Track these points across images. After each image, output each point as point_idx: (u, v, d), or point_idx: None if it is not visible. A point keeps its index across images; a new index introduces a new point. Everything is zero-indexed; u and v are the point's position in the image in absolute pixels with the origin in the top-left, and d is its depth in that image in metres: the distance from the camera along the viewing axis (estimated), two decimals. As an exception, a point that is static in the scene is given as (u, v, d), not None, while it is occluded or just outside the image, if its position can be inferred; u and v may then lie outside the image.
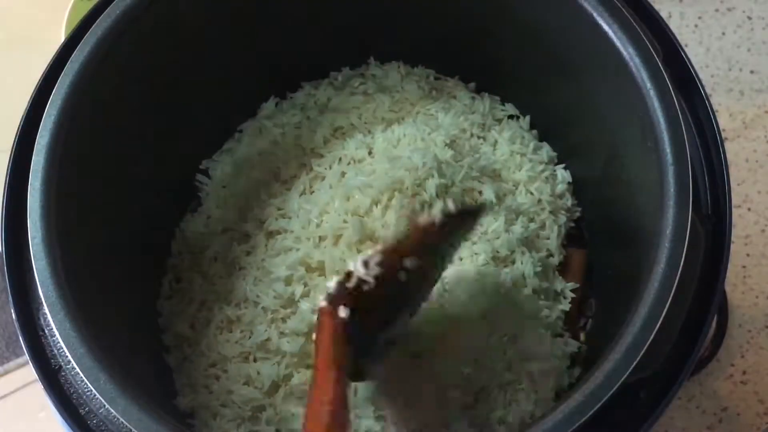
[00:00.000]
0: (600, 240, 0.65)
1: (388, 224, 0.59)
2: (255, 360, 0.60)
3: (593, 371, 0.44)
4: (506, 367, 0.57)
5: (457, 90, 0.69)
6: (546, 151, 0.67)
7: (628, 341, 0.44)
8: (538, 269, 0.60)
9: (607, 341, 0.45)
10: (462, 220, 0.50)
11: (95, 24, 0.52)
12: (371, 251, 0.46)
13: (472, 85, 0.70)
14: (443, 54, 0.68)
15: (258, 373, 0.58)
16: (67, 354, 0.45)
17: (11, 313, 0.49)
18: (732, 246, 0.50)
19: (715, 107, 0.53)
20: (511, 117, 0.69)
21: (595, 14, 0.51)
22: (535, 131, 0.68)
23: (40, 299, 0.47)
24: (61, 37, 0.78)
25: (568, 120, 0.65)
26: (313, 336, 0.46)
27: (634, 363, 0.43)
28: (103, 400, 0.45)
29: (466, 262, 0.60)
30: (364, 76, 0.70)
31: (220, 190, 0.66)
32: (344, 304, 0.44)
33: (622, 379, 0.43)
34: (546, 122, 0.67)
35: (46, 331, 0.49)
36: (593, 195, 0.65)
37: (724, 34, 0.84)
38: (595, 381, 0.43)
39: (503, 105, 0.69)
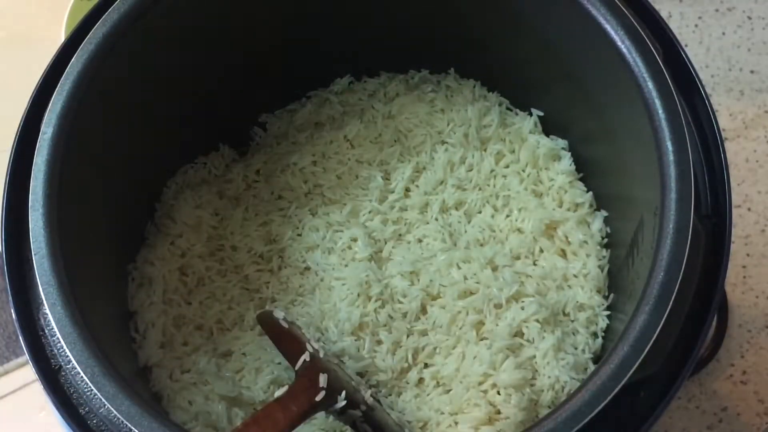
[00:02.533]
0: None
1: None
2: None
3: (595, 372, 0.44)
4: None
5: (523, 129, 0.67)
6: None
7: (630, 344, 0.44)
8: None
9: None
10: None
11: (97, 24, 0.52)
12: None
13: (536, 119, 0.68)
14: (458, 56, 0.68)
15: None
16: (68, 354, 0.45)
17: (11, 313, 0.49)
18: (732, 246, 0.50)
19: (715, 107, 0.53)
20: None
21: (596, 14, 0.51)
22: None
23: (40, 299, 0.47)
24: (61, 37, 0.78)
25: (569, 118, 0.65)
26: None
27: (635, 365, 0.43)
28: (103, 400, 0.45)
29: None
30: (439, 85, 0.70)
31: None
32: None
33: (624, 380, 0.43)
34: (548, 120, 0.67)
35: (46, 331, 0.49)
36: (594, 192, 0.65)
37: (724, 34, 0.84)
38: (597, 382, 0.43)
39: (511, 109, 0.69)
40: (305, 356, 0.54)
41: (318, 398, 0.52)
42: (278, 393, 0.53)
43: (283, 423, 0.50)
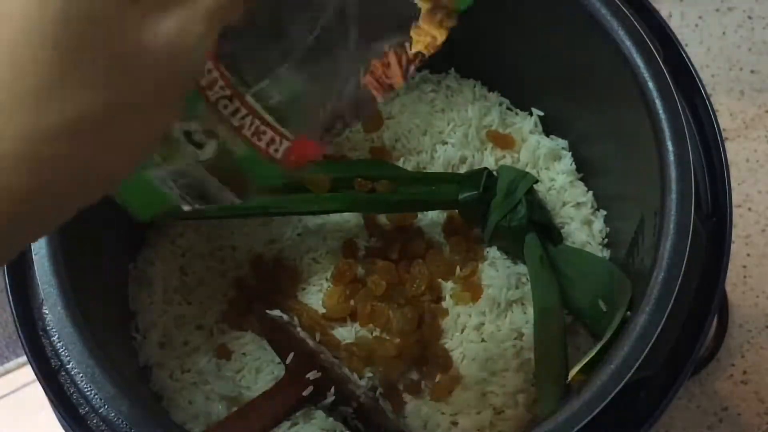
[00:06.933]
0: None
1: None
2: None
3: (596, 373, 0.44)
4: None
5: (523, 129, 0.67)
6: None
7: (630, 344, 0.44)
8: None
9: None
10: None
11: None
12: None
13: (536, 119, 0.67)
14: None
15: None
16: (68, 354, 0.45)
17: (11, 313, 0.49)
18: (732, 246, 0.50)
19: (715, 107, 0.53)
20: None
21: (596, 14, 0.51)
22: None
23: (41, 299, 0.47)
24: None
25: (569, 118, 0.65)
26: None
27: (635, 365, 0.43)
28: (103, 400, 0.45)
29: None
30: (439, 85, 0.70)
31: None
32: None
33: (624, 380, 0.43)
34: (548, 120, 0.67)
35: (47, 331, 0.49)
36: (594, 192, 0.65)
37: (724, 33, 0.83)
38: (597, 382, 0.43)
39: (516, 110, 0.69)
40: (294, 351, 0.54)
41: (305, 393, 0.51)
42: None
43: (268, 417, 0.49)
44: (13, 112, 0.21)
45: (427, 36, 0.37)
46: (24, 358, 0.69)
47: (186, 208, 0.42)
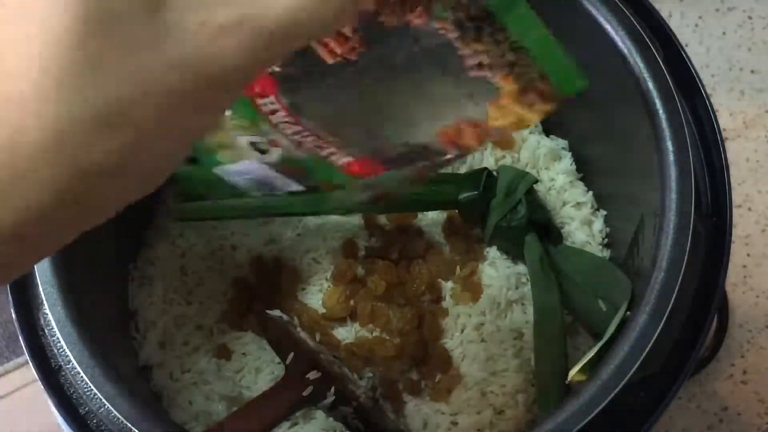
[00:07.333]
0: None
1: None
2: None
3: (595, 373, 0.44)
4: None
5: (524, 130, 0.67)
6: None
7: (630, 344, 0.44)
8: None
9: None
10: None
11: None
12: None
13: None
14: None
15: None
16: (68, 354, 0.45)
17: (11, 313, 0.49)
18: (732, 246, 0.50)
19: (715, 107, 0.53)
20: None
21: (596, 14, 0.51)
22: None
23: (41, 299, 0.47)
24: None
25: (570, 118, 0.65)
26: None
27: (635, 365, 0.43)
28: (103, 400, 0.45)
29: None
30: None
31: None
32: None
33: (624, 380, 0.43)
34: (548, 120, 0.67)
35: (46, 331, 0.49)
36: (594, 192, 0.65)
37: (724, 33, 0.83)
38: (597, 382, 0.43)
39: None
40: (294, 351, 0.54)
41: (305, 393, 0.51)
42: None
43: (268, 417, 0.49)
44: (50, 98, 0.22)
45: (511, 115, 0.36)
46: (24, 358, 0.69)
47: (254, 194, 0.43)
